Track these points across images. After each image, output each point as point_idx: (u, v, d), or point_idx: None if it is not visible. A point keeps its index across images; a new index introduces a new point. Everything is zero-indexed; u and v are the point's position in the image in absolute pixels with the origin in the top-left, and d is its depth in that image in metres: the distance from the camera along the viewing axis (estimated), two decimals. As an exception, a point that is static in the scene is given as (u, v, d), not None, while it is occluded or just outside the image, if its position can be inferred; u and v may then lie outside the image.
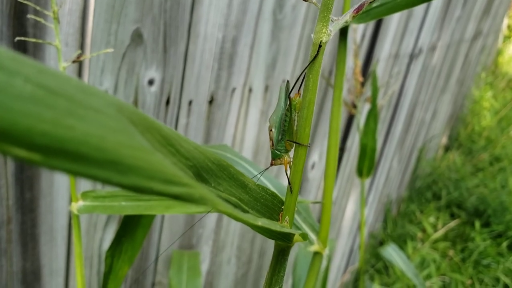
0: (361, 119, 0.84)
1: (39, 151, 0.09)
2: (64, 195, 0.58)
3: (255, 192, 0.21)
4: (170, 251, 0.81)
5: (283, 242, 0.21)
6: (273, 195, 0.22)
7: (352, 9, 0.20)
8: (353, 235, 1.68)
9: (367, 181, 1.64)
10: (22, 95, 0.09)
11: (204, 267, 0.93)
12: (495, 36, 3.04)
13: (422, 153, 2.21)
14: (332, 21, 0.19)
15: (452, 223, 2.04)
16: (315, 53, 0.19)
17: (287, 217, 0.22)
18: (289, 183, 0.22)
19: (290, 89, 0.23)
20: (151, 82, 0.63)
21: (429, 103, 1.99)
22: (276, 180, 0.48)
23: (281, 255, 0.22)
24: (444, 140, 2.66)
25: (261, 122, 0.89)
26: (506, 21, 3.64)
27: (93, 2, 0.52)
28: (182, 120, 0.71)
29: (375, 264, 1.90)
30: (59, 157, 0.10)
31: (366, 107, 1.24)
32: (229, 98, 0.78)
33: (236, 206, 0.19)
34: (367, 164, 0.85)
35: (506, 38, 4.15)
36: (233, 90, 0.78)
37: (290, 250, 0.22)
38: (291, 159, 0.23)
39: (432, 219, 2.13)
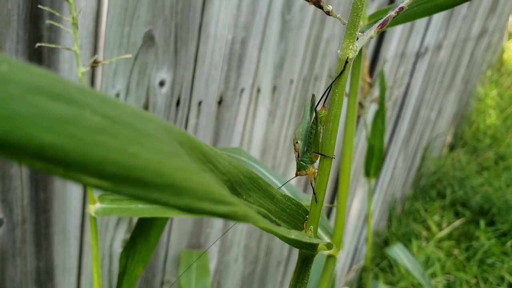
0: (367, 118, 0.84)
1: (109, 179, 0.10)
2: (77, 196, 0.58)
3: (282, 203, 0.22)
4: (178, 250, 0.82)
5: (308, 251, 0.22)
6: (298, 205, 0.23)
7: (376, 24, 0.20)
8: (358, 234, 1.69)
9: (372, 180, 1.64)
10: (92, 126, 0.10)
11: (212, 266, 0.93)
12: (500, 34, 3.03)
13: (427, 152, 2.21)
14: (357, 38, 0.20)
15: (457, 222, 2.05)
16: (341, 68, 0.20)
17: (311, 226, 0.23)
18: (314, 193, 0.23)
19: (316, 103, 0.23)
20: (162, 84, 0.63)
21: (435, 101, 1.99)
22: (291, 185, 0.48)
23: (305, 263, 0.23)
24: (449, 139, 2.66)
25: (269, 122, 0.90)
26: (511, 19, 3.63)
27: (107, 5, 0.52)
28: (192, 121, 0.71)
29: (380, 262, 1.90)
30: (125, 184, 0.10)
31: (373, 106, 1.24)
32: (237, 98, 0.78)
33: (265, 216, 0.20)
34: (374, 164, 0.85)
35: (511, 35, 4.13)
36: (242, 90, 0.78)
37: (314, 258, 0.23)
38: (316, 170, 0.23)
39: (436, 218, 2.13)
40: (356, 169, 1.43)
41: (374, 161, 0.85)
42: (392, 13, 0.20)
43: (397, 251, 1.03)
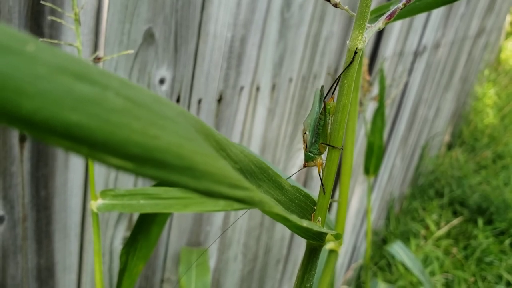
0: (366, 116, 0.85)
1: (132, 160, 0.10)
2: (77, 193, 0.58)
3: (291, 193, 0.22)
4: (178, 248, 0.82)
5: (316, 242, 0.22)
6: (306, 196, 0.23)
7: (384, 16, 0.20)
8: (356, 232, 1.69)
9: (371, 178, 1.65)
10: (115, 107, 0.10)
11: (211, 264, 0.93)
12: (498, 33, 3.04)
13: (425, 151, 2.21)
14: (366, 28, 0.20)
15: (455, 221, 2.05)
16: (350, 59, 0.20)
17: (319, 217, 0.23)
18: (322, 184, 0.23)
19: (324, 94, 0.23)
20: (162, 81, 0.63)
21: (433, 100, 1.99)
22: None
23: (313, 254, 0.23)
24: (447, 138, 2.67)
25: (268, 120, 0.90)
26: (508, 18, 3.64)
27: (107, 3, 0.52)
28: (192, 119, 0.71)
29: (378, 261, 1.91)
30: (148, 165, 0.10)
31: (371, 104, 1.25)
32: (237, 96, 0.78)
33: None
34: (374, 162, 0.85)
35: (509, 34, 4.15)
36: (241, 88, 0.79)
37: (321, 249, 0.23)
38: (324, 161, 0.24)
39: (435, 217, 2.14)
40: (354, 167, 1.44)
41: (374, 159, 0.85)
42: (400, 4, 0.20)
43: (397, 249, 1.03)
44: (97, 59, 0.39)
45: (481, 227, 2.05)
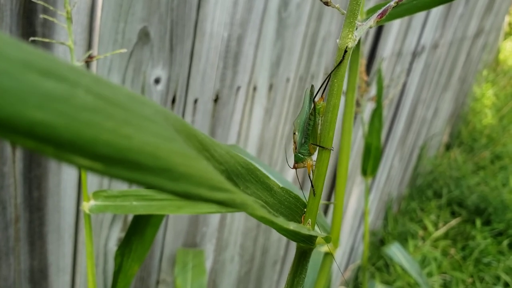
0: (364, 117, 0.84)
1: (101, 160, 0.10)
2: (71, 194, 0.58)
3: (280, 195, 0.22)
4: (174, 249, 0.81)
5: (306, 245, 0.21)
6: (296, 197, 0.23)
7: (376, 14, 0.20)
8: (354, 233, 1.68)
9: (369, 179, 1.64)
10: (85, 105, 0.09)
11: (208, 265, 0.93)
12: (496, 33, 3.04)
13: (423, 151, 2.21)
14: (356, 27, 0.19)
15: (453, 222, 2.05)
16: (340, 58, 0.20)
17: (309, 219, 0.22)
18: (312, 186, 0.22)
19: (314, 94, 0.23)
20: (157, 81, 0.63)
21: (431, 101, 1.99)
22: (281, 175, 0.48)
23: (303, 257, 0.22)
24: (445, 138, 2.66)
25: (265, 120, 0.89)
26: (507, 18, 3.64)
27: (101, 1, 0.52)
28: (188, 119, 0.71)
29: (376, 262, 1.90)
30: (119, 166, 0.10)
31: (369, 105, 1.24)
32: (234, 96, 0.78)
33: (263, 208, 0.19)
34: (371, 163, 0.85)
35: (507, 35, 4.15)
36: (238, 88, 0.78)
37: (312, 252, 0.22)
38: (314, 162, 0.23)
39: (433, 217, 2.13)
40: (352, 168, 1.43)
41: (371, 160, 0.85)
42: (392, 3, 0.20)
43: (394, 250, 1.03)
44: (90, 58, 0.38)
45: (479, 227, 2.05)
